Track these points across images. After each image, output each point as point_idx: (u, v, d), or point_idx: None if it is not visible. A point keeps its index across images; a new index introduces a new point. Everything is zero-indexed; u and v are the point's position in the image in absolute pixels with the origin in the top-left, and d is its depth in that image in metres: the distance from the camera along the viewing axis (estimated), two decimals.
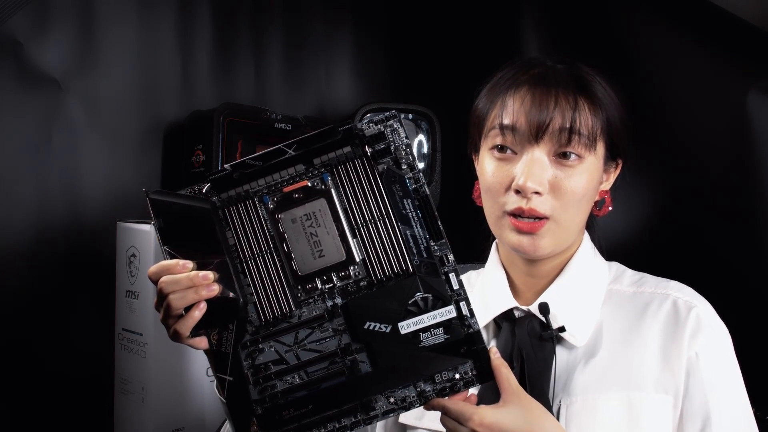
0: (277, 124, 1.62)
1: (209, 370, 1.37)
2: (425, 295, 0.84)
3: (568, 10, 1.63)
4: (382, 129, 0.87)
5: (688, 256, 1.42)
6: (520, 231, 0.95)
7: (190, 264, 0.84)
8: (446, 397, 0.83)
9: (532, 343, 0.96)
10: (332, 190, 0.87)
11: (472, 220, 1.09)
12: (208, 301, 0.83)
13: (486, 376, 0.83)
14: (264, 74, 1.80)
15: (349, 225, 0.86)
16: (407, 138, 0.87)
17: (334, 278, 0.85)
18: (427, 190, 0.86)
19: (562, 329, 0.96)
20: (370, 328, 0.83)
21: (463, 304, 0.83)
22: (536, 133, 0.93)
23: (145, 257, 1.35)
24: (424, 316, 0.83)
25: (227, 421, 0.89)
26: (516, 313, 1.01)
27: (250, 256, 0.86)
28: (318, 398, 0.84)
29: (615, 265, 1.06)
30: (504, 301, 1.02)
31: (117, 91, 1.55)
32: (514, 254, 1.02)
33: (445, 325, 0.83)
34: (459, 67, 1.81)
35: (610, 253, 1.08)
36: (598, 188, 1.00)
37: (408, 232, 0.85)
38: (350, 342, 0.84)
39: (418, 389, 0.83)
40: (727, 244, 1.38)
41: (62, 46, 1.48)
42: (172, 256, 0.84)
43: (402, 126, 0.88)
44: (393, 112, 0.88)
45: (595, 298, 1.00)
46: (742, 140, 1.33)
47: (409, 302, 0.83)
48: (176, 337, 0.84)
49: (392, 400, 0.83)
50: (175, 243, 0.85)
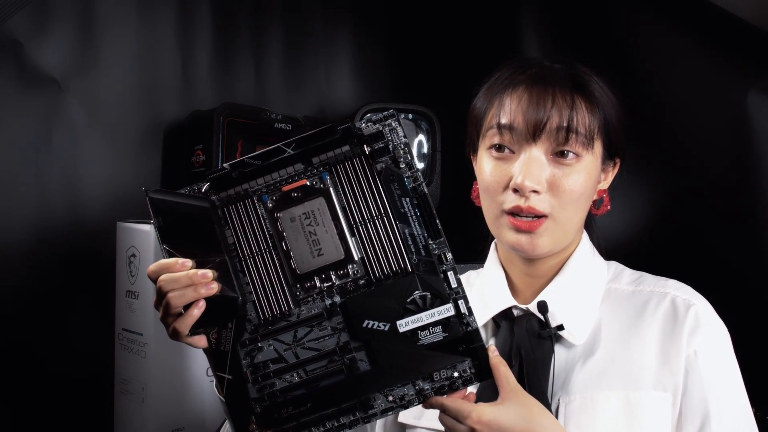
0: (277, 124, 1.62)
1: (209, 370, 1.37)
2: (424, 294, 0.84)
3: (568, 10, 1.63)
4: (381, 128, 0.88)
5: (688, 256, 1.42)
6: (519, 230, 0.95)
7: (190, 262, 0.84)
8: (445, 395, 0.83)
9: (530, 341, 0.96)
10: (331, 189, 0.87)
11: (471, 220, 1.09)
12: (207, 300, 0.83)
13: (484, 375, 0.83)
14: (264, 74, 1.80)
15: (348, 224, 0.86)
16: (406, 137, 0.88)
17: (333, 277, 0.86)
18: (425, 189, 0.86)
19: (561, 327, 0.96)
20: (369, 327, 0.83)
21: (461, 302, 0.84)
22: (534, 132, 0.93)
23: (145, 257, 1.35)
24: (423, 315, 0.83)
25: (227, 421, 0.89)
26: (515, 312, 1.01)
27: (249, 255, 0.86)
28: (317, 396, 0.84)
29: (614, 264, 1.06)
30: (503, 300, 1.02)
31: (117, 91, 1.55)
32: (512, 253, 1.02)
33: (444, 323, 0.83)
34: (459, 67, 1.81)
35: (611, 253, 1.08)
36: (596, 187, 1.00)
37: (406, 231, 0.85)
38: (349, 340, 0.84)
39: (417, 387, 0.83)
40: (727, 244, 1.38)
41: (62, 46, 1.48)
42: (172, 255, 0.85)
43: (400, 125, 0.88)
44: (391, 111, 0.88)
45: (594, 297, 1.00)
46: (742, 140, 1.33)
47: (408, 300, 0.84)
48: (175, 335, 0.84)
49: (391, 398, 0.83)
50: (175, 242, 0.85)
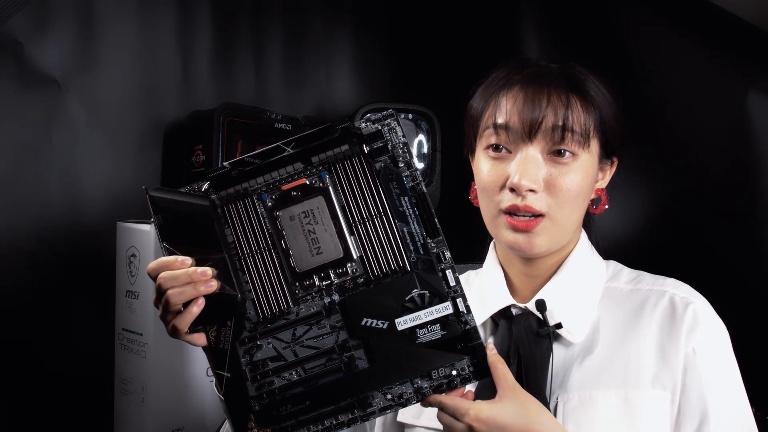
0: (277, 124, 1.62)
1: (209, 370, 1.37)
2: (422, 292, 0.84)
3: (568, 10, 1.63)
4: (380, 127, 0.88)
5: (688, 256, 1.42)
6: (516, 229, 0.95)
7: (189, 260, 0.84)
8: (443, 394, 0.83)
9: (529, 340, 0.96)
10: (330, 188, 0.87)
11: (471, 221, 1.09)
12: (207, 298, 0.83)
13: (483, 373, 0.83)
14: (264, 74, 1.80)
15: (347, 222, 0.86)
16: (404, 136, 0.88)
17: (332, 275, 0.86)
18: (424, 188, 0.87)
19: (559, 326, 0.96)
20: (368, 325, 0.83)
21: (459, 301, 0.84)
22: (529, 131, 0.94)
23: (145, 257, 1.35)
24: (421, 313, 0.83)
25: (227, 420, 0.89)
26: (513, 311, 1.01)
27: (248, 253, 0.86)
28: (315, 395, 0.84)
29: (612, 264, 1.06)
30: (501, 299, 1.02)
31: (117, 91, 1.55)
32: (511, 253, 1.02)
33: (442, 321, 0.83)
34: (459, 67, 1.80)
35: (611, 253, 1.08)
36: (593, 186, 1.00)
37: (405, 229, 0.85)
38: (347, 338, 0.84)
39: (415, 385, 0.83)
40: (727, 244, 1.38)
41: (62, 46, 1.48)
42: (171, 253, 0.85)
43: (399, 125, 0.88)
44: (390, 111, 0.88)
45: (592, 296, 1.00)
46: (742, 140, 1.33)
47: (406, 299, 0.84)
48: (174, 333, 0.84)
49: (389, 396, 0.83)
50: (175, 240, 0.85)
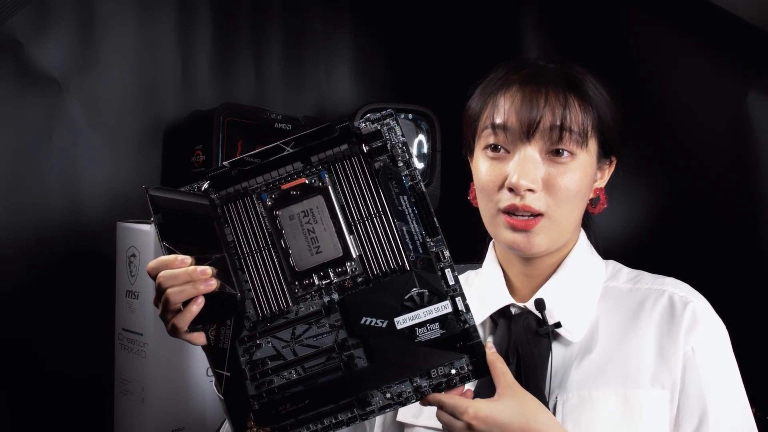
0: (277, 124, 1.62)
1: (209, 370, 1.37)
2: (421, 291, 0.84)
3: (568, 10, 1.63)
4: (379, 127, 0.88)
5: (688, 256, 1.42)
6: (515, 228, 0.95)
7: (189, 259, 0.84)
8: (442, 392, 0.83)
9: (528, 339, 0.96)
10: (329, 188, 0.87)
11: (471, 220, 1.09)
12: (206, 297, 0.83)
13: (482, 372, 0.83)
14: (264, 74, 1.80)
15: (346, 222, 0.86)
16: (404, 136, 0.88)
17: (331, 274, 0.86)
18: (423, 187, 0.87)
19: (558, 325, 0.97)
20: (367, 324, 0.83)
21: (458, 300, 0.84)
22: (527, 131, 0.94)
23: (145, 257, 1.35)
24: (420, 312, 0.83)
25: (227, 420, 0.89)
26: (512, 310, 1.01)
27: (248, 252, 0.87)
28: (315, 394, 0.84)
29: (612, 263, 1.06)
30: (500, 298, 1.02)
31: (117, 91, 1.55)
32: (510, 253, 1.02)
33: (441, 320, 0.83)
34: (459, 67, 1.80)
35: (611, 253, 1.08)
36: (592, 185, 1.00)
37: (404, 229, 0.85)
38: (347, 337, 0.84)
39: (414, 384, 0.83)
40: (727, 244, 1.38)
41: (62, 46, 1.48)
42: (171, 252, 0.85)
43: (398, 124, 0.88)
44: (390, 110, 0.89)
45: (592, 295, 1.00)
46: (742, 140, 1.33)
47: (406, 298, 0.84)
48: (174, 332, 0.84)
49: (388, 395, 0.83)
50: (174, 239, 0.85)
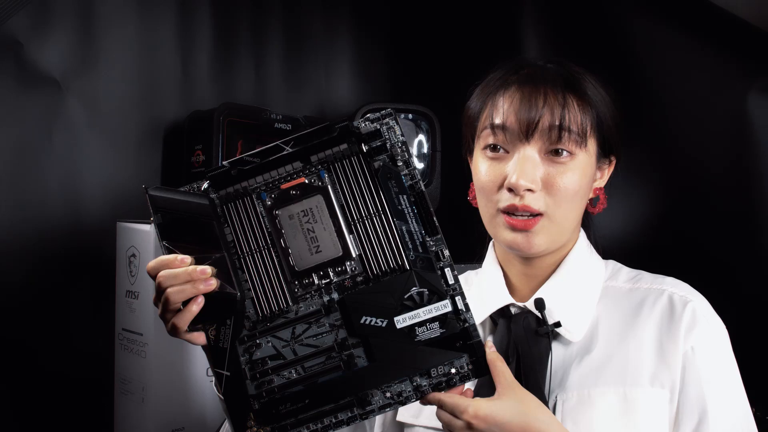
0: (277, 124, 1.62)
1: (209, 370, 1.37)
2: (421, 290, 0.84)
3: (568, 10, 1.63)
4: (378, 126, 0.88)
5: (687, 256, 1.42)
6: (514, 228, 0.95)
7: (189, 259, 0.84)
8: (442, 391, 0.83)
9: (527, 338, 0.96)
10: (329, 187, 0.87)
11: (471, 221, 1.09)
12: (206, 296, 0.83)
13: (482, 371, 0.83)
14: (264, 74, 1.80)
15: (346, 221, 0.86)
16: (403, 135, 0.88)
17: (331, 274, 0.86)
18: (423, 187, 0.87)
19: (558, 325, 0.97)
20: (367, 323, 0.84)
21: (458, 299, 0.84)
22: (526, 131, 0.94)
23: (145, 257, 1.35)
24: (420, 311, 0.83)
25: (227, 420, 0.89)
26: (512, 310, 1.01)
27: (247, 252, 0.87)
28: (315, 393, 0.84)
29: (611, 263, 1.06)
30: (500, 298, 1.02)
31: (117, 91, 1.55)
32: (510, 252, 1.02)
33: (441, 319, 0.83)
34: (459, 68, 1.80)
35: (610, 253, 1.08)
36: (591, 185, 1.00)
37: (404, 228, 0.85)
38: (347, 337, 0.84)
39: (414, 383, 0.83)
40: (727, 244, 1.38)
41: (62, 46, 1.48)
42: (171, 251, 0.85)
43: (398, 124, 0.88)
44: (389, 110, 0.89)
45: (591, 295, 1.00)
46: (742, 140, 1.33)
47: (405, 297, 0.84)
48: (174, 331, 0.84)
49: (388, 394, 0.83)
50: (174, 238, 0.86)
